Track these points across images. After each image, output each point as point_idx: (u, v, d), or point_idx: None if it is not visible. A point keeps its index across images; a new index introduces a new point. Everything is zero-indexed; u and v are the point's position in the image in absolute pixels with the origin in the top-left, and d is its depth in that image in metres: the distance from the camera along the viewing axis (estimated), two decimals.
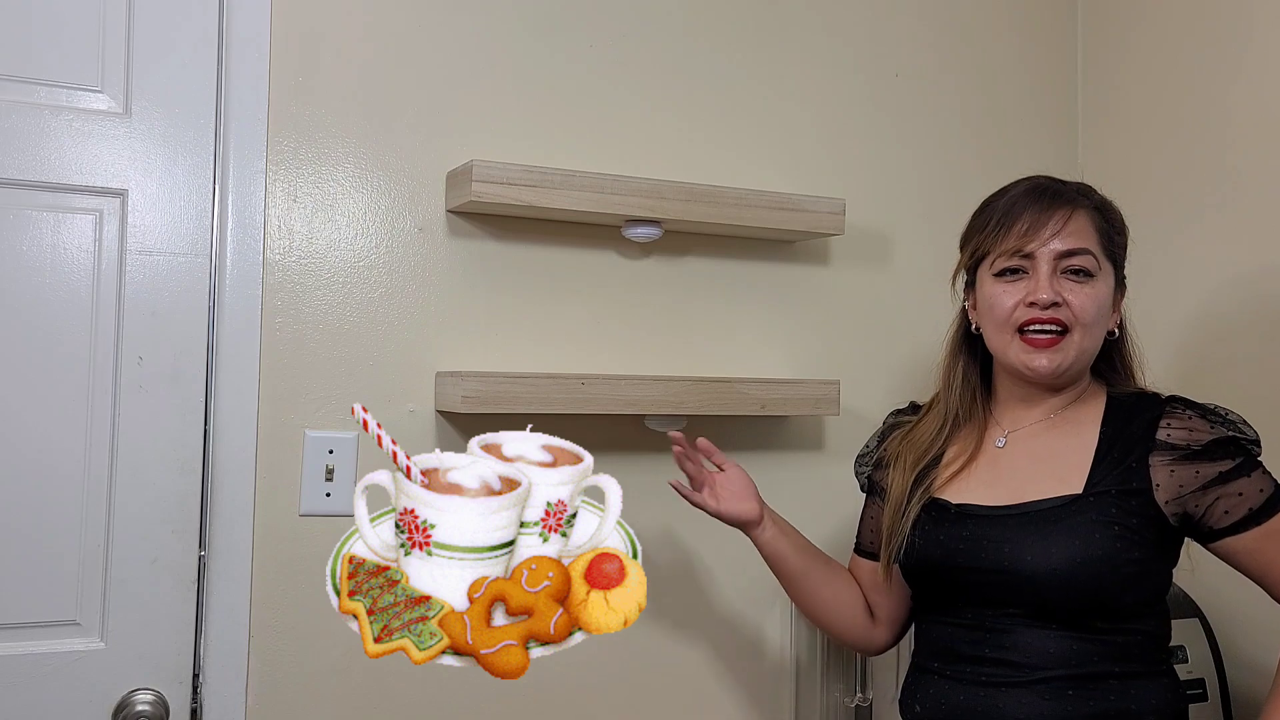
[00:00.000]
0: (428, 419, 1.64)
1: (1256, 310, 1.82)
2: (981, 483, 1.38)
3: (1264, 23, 1.84)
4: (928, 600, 1.40)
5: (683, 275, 1.83)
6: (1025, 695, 1.26)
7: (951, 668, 1.33)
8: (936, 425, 1.45)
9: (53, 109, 1.45)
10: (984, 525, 1.32)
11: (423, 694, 1.64)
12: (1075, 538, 1.26)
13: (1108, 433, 1.34)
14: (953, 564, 1.33)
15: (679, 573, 1.82)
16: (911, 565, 1.38)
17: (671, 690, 1.81)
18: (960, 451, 1.42)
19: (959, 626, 1.33)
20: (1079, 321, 1.31)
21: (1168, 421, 1.30)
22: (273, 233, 1.57)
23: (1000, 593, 1.29)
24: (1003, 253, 1.35)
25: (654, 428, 1.75)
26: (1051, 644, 1.27)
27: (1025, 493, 1.33)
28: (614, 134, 1.78)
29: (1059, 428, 1.37)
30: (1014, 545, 1.28)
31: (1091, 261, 1.33)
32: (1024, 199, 1.36)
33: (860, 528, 1.55)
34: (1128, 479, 1.28)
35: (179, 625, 1.50)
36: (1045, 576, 1.25)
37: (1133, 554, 1.25)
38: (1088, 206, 1.36)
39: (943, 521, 1.36)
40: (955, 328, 1.49)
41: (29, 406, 1.43)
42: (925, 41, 2.05)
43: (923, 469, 1.42)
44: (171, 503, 1.49)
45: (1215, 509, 1.27)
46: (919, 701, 1.37)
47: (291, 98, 1.58)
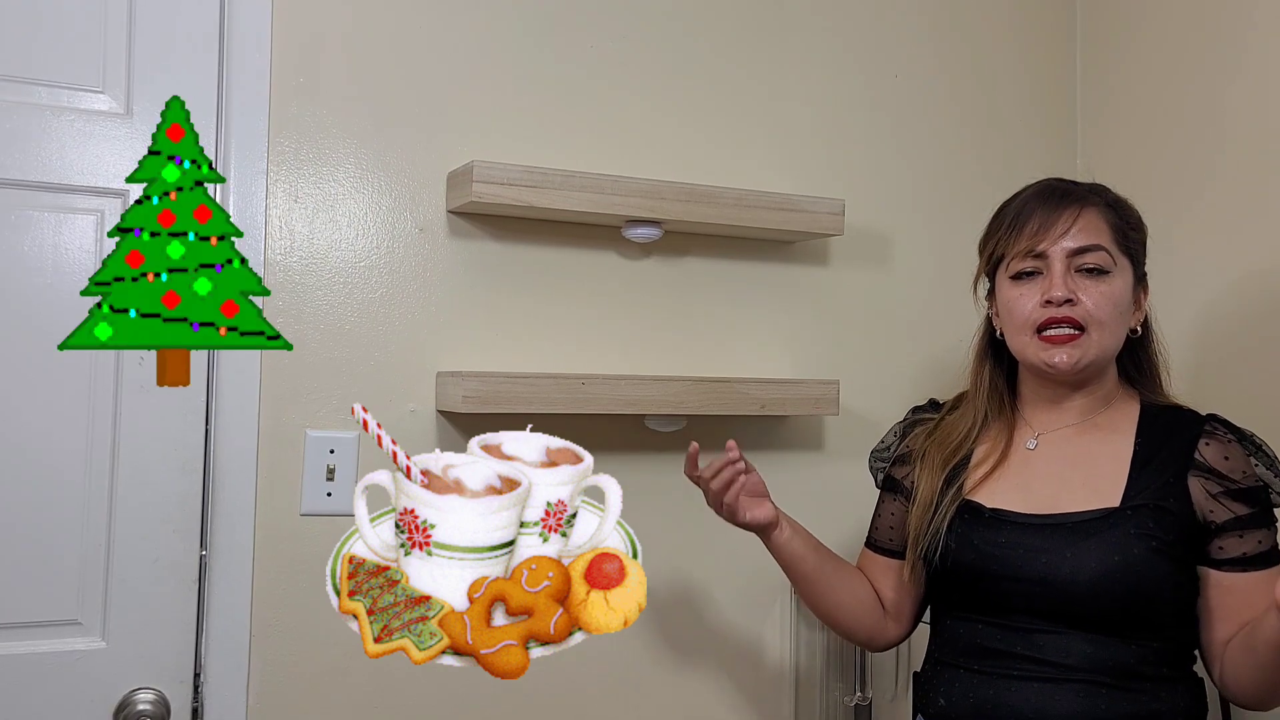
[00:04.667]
0: (428, 419, 1.64)
1: (1256, 310, 1.82)
2: (1014, 486, 1.38)
3: (1263, 23, 1.84)
4: (955, 599, 1.40)
5: (683, 275, 1.83)
6: (1057, 692, 1.27)
7: (979, 663, 1.34)
8: (966, 425, 1.45)
9: (54, 109, 1.46)
10: (1020, 533, 1.32)
11: (423, 694, 1.64)
12: (1113, 551, 1.26)
13: (1143, 444, 1.34)
14: (988, 570, 1.33)
15: (679, 572, 1.82)
16: (947, 567, 1.38)
17: (671, 689, 1.81)
18: (990, 451, 1.42)
19: (988, 625, 1.34)
20: (1094, 319, 1.32)
21: (1206, 442, 1.31)
22: (274, 233, 1.57)
23: (1035, 601, 1.29)
24: (1016, 254, 1.36)
25: (654, 428, 1.75)
26: (1085, 647, 1.27)
27: (1060, 501, 1.33)
28: (614, 134, 1.78)
29: (1091, 434, 1.38)
30: (1051, 555, 1.29)
31: (1105, 258, 1.33)
32: (1034, 200, 1.37)
33: (876, 523, 1.54)
34: (1165, 495, 1.29)
35: (180, 625, 1.50)
36: (1082, 588, 1.26)
37: (1168, 567, 1.27)
38: (1099, 204, 1.36)
39: (977, 525, 1.36)
40: (980, 333, 1.49)
41: (31, 406, 1.44)
42: (925, 42, 2.05)
43: (953, 469, 1.42)
44: (173, 502, 1.50)
45: (1214, 541, 1.30)
46: (943, 695, 1.37)
47: (292, 98, 1.58)
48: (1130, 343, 1.39)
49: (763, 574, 1.83)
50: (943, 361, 1.89)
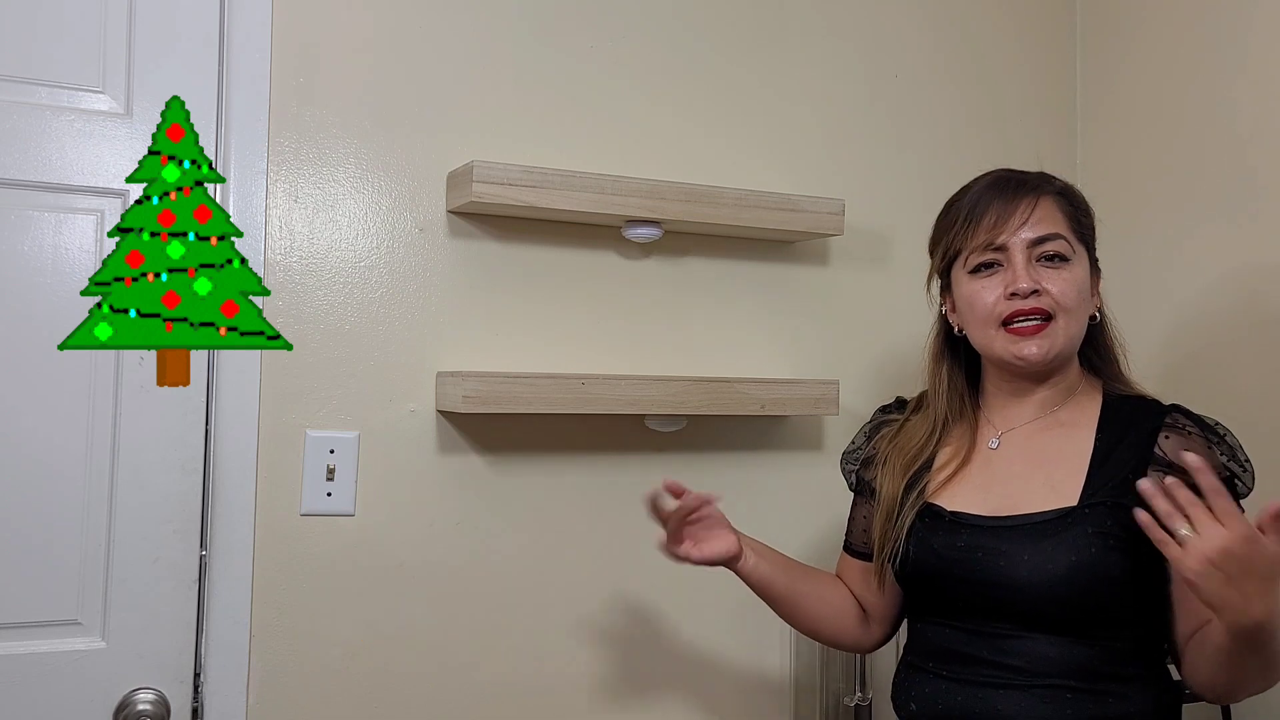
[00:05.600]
0: (428, 419, 1.64)
1: (1256, 310, 1.82)
2: (975, 488, 1.37)
3: (1263, 22, 1.84)
4: (923, 603, 1.39)
5: (683, 275, 1.83)
6: (1024, 698, 1.26)
7: (948, 668, 1.33)
8: (926, 430, 1.44)
9: (54, 109, 1.46)
10: (979, 535, 1.31)
11: (423, 694, 1.64)
12: (1070, 550, 1.25)
13: (1104, 439, 1.33)
14: (948, 573, 1.32)
15: (679, 572, 1.82)
16: (907, 573, 1.38)
17: (671, 689, 1.81)
18: (953, 454, 1.41)
19: (956, 630, 1.33)
20: (1061, 307, 1.31)
21: (1166, 435, 1.29)
22: (274, 233, 1.57)
23: (996, 603, 1.29)
24: (975, 248, 1.35)
25: (654, 428, 1.75)
26: (1050, 650, 1.26)
27: (1020, 502, 1.32)
28: (614, 134, 1.78)
29: (1053, 430, 1.36)
30: (1009, 558, 1.28)
31: (1065, 245, 1.33)
32: (988, 192, 1.37)
33: (851, 527, 1.54)
34: (1123, 491, 1.26)
35: (180, 625, 1.50)
36: (1041, 589, 1.25)
37: (1127, 564, 1.25)
38: (1052, 192, 1.36)
39: (937, 529, 1.35)
40: (935, 333, 1.48)
41: (31, 406, 1.44)
42: (925, 42, 2.05)
43: (914, 474, 1.41)
44: (173, 502, 1.50)
45: None
46: (914, 700, 1.36)
47: (292, 98, 1.58)
48: (1089, 330, 1.38)
49: None
50: None
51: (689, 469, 1.81)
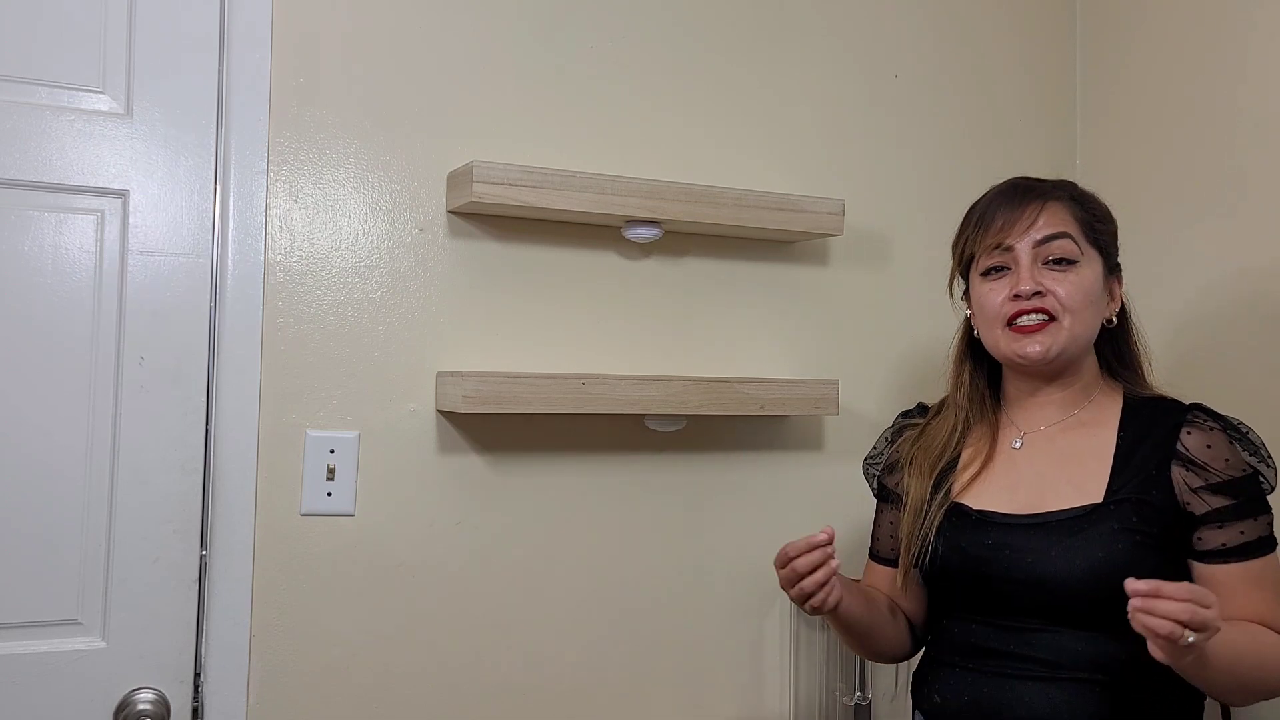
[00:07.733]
0: (428, 419, 1.64)
1: (1256, 309, 1.83)
2: (1001, 487, 1.38)
3: (1263, 23, 1.84)
4: (949, 601, 1.41)
5: (683, 275, 1.83)
6: (1051, 690, 1.28)
7: (974, 661, 1.35)
8: (948, 428, 1.46)
9: (54, 109, 1.46)
10: (1006, 533, 1.33)
11: (423, 694, 1.64)
12: (1097, 547, 1.27)
13: (1126, 437, 1.35)
14: (976, 572, 1.34)
15: (678, 572, 1.82)
16: (935, 572, 1.39)
17: (672, 689, 1.81)
18: (976, 454, 1.43)
19: (982, 625, 1.35)
20: (1065, 308, 1.33)
21: (1188, 431, 1.31)
22: (274, 233, 1.57)
23: (1025, 600, 1.30)
24: (985, 251, 1.38)
25: (654, 428, 1.76)
26: (1076, 644, 1.28)
27: (1045, 501, 1.34)
28: (614, 134, 1.78)
29: (1075, 430, 1.38)
30: (1037, 555, 1.30)
31: (1071, 247, 1.34)
32: (999, 198, 1.40)
33: (877, 534, 1.55)
34: (1148, 487, 1.29)
35: (180, 624, 1.50)
36: (1070, 584, 1.27)
37: (1153, 560, 1.27)
38: (1063, 197, 1.38)
39: (964, 528, 1.37)
40: (959, 335, 1.51)
41: (30, 406, 1.44)
42: (925, 42, 2.05)
43: (940, 473, 1.42)
44: (173, 502, 1.50)
45: (1194, 533, 1.30)
46: (938, 692, 1.38)
47: (293, 98, 1.58)
48: (1109, 334, 1.41)
49: (762, 574, 1.83)
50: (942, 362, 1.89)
51: (689, 469, 1.81)
